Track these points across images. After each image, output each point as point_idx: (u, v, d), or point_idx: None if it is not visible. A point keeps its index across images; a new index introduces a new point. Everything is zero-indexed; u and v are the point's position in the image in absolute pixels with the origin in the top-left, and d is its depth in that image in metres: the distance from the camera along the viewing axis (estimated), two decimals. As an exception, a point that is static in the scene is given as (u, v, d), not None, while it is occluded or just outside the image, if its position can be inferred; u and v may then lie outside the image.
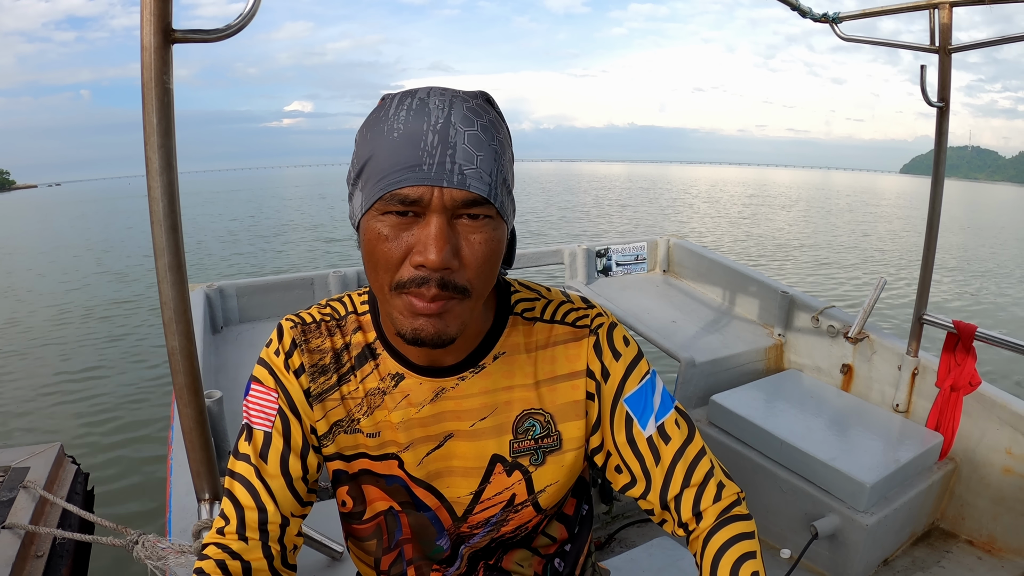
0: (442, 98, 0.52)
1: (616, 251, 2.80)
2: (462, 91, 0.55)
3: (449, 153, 0.50)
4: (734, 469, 1.85)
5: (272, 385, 0.66)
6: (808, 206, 23.18)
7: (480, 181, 0.51)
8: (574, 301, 0.69)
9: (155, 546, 0.92)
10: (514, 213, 0.59)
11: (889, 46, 1.64)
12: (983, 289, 8.64)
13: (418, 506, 0.69)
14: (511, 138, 0.58)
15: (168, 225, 0.79)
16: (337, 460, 0.68)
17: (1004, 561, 1.65)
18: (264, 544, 0.63)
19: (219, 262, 10.55)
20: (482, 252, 0.53)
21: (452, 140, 0.50)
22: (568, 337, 0.67)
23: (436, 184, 0.50)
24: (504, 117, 0.58)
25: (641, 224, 16.53)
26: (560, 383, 0.67)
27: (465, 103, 0.53)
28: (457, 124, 0.51)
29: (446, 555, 0.71)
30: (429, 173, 0.50)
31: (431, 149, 0.50)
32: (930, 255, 1.79)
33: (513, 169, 0.58)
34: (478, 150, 0.51)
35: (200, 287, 2.12)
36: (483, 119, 0.53)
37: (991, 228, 17.92)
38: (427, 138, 0.50)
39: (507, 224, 0.56)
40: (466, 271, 0.53)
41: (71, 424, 3.94)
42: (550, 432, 0.67)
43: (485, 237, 0.53)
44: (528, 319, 0.67)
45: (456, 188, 0.50)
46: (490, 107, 0.55)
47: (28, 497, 1.74)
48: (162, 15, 0.72)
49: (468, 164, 0.51)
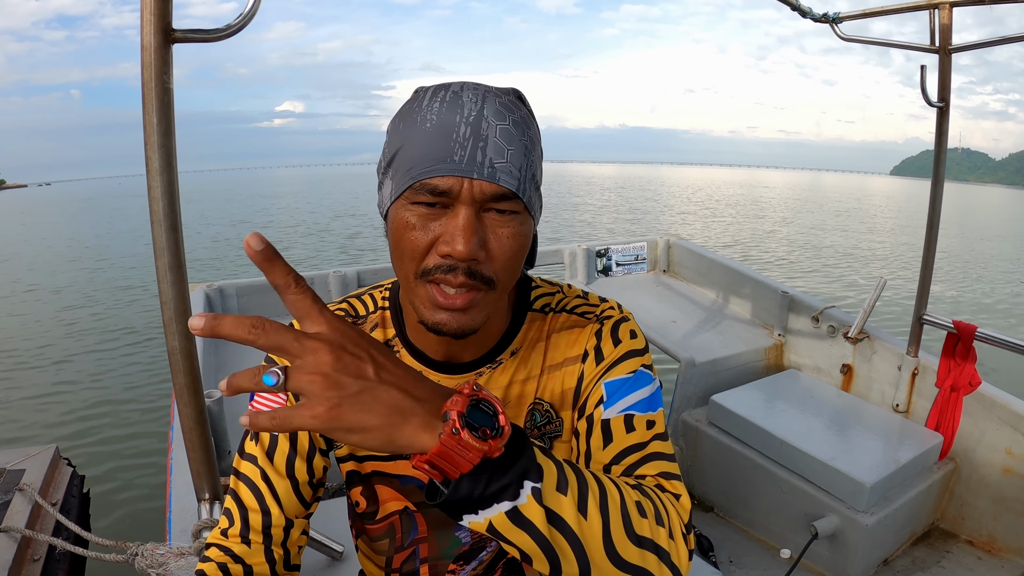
0: (475, 92, 0.53)
1: (616, 251, 2.80)
2: (495, 87, 0.55)
3: (481, 146, 0.50)
4: (734, 469, 1.85)
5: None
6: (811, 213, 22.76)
7: (510, 176, 0.51)
8: (591, 299, 0.69)
9: (154, 554, 0.92)
10: (541, 210, 0.59)
11: (890, 46, 1.64)
12: (970, 290, 8.61)
13: None
14: (540, 135, 0.58)
15: (168, 225, 0.79)
16: (350, 461, 0.68)
17: (1004, 561, 1.65)
18: (267, 548, 0.62)
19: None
20: (509, 246, 0.53)
21: (484, 133, 0.51)
22: (572, 324, 0.67)
23: (466, 175, 0.50)
24: (535, 115, 0.57)
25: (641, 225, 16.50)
26: (558, 370, 0.66)
27: (498, 98, 0.53)
28: (490, 117, 0.51)
29: (464, 549, 0.70)
30: (460, 164, 0.50)
31: (463, 141, 0.50)
32: (930, 255, 1.79)
33: (542, 166, 0.58)
34: (509, 144, 0.51)
35: (200, 287, 2.12)
36: (515, 114, 0.53)
37: (984, 234, 17.27)
38: (459, 130, 0.51)
39: (534, 220, 0.56)
40: (493, 263, 0.53)
41: (66, 426, 3.93)
42: (551, 419, 0.66)
43: (513, 231, 0.53)
44: (544, 312, 0.68)
45: (486, 180, 0.50)
46: (521, 104, 0.55)
47: (24, 500, 1.72)
48: (162, 15, 0.72)
49: (499, 158, 0.51)
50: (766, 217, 19.14)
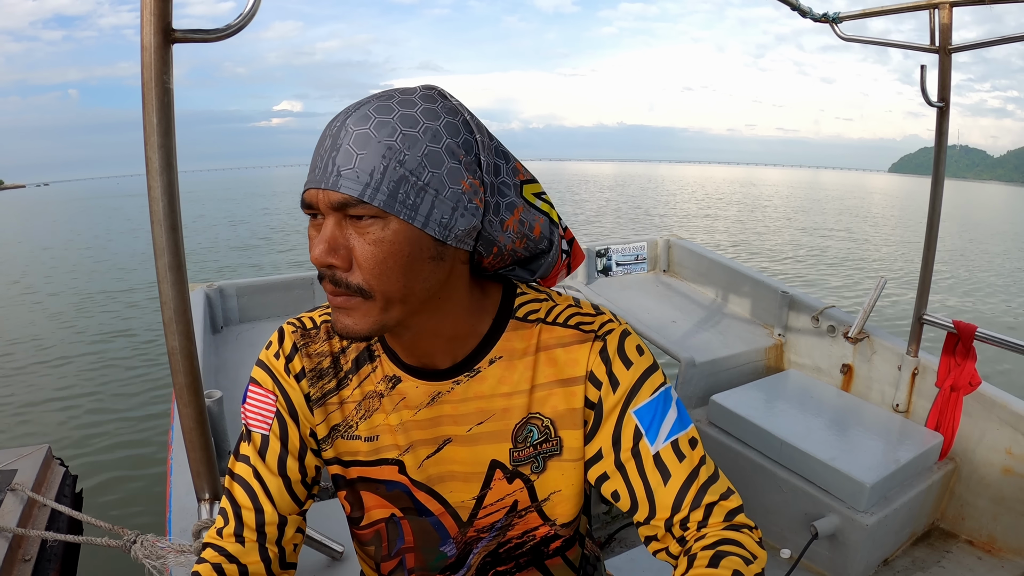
0: (361, 100, 0.54)
1: (616, 251, 2.80)
2: (400, 89, 0.55)
3: (333, 155, 0.51)
4: (734, 469, 1.85)
5: (271, 388, 0.66)
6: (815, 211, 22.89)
7: (354, 182, 0.50)
8: (583, 307, 0.66)
9: (154, 545, 0.92)
10: (463, 214, 0.54)
11: (890, 46, 1.64)
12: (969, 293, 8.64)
13: (420, 511, 0.67)
14: (472, 130, 0.55)
15: (168, 225, 0.79)
16: (336, 465, 0.68)
17: (1004, 561, 1.65)
18: (261, 546, 0.63)
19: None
20: (371, 252, 0.52)
21: (339, 142, 0.51)
22: (570, 340, 0.63)
23: (317, 187, 0.52)
24: (457, 109, 0.55)
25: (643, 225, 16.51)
26: (558, 388, 0.63)
27: (381, 101, 0.52)
28: (350, 125, 0.51)
29: (450, 562, 0.70)
30: (316, 176, 0.52)
31: (324, 152, 0.52)
32: (930, 255, 1.79)
33: (457, 164, 0.53)
34: (361, 149, 0.50)
35: (200, 287, 2.12)
36: (389, 115, 0.51)
37: (987, 232, 17.34)
38: (324, 142, 0.52)
39: (420, 224, 0.52)
40: (360, 271, 0.53)
41: (60, 426, 3.92)
42: (549, 437, 0.64)
43: (373, 238, 0.52)
44: (530, 321, 0.64)
45: (331, 190, 0.51)
46: (424, 102, 0.53)
47: (16, 500, 1.71)
48: (162, 15, 0.72)
49: (346, 165, 0.50)
50: (767, 216, 19.19)
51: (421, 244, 0.53)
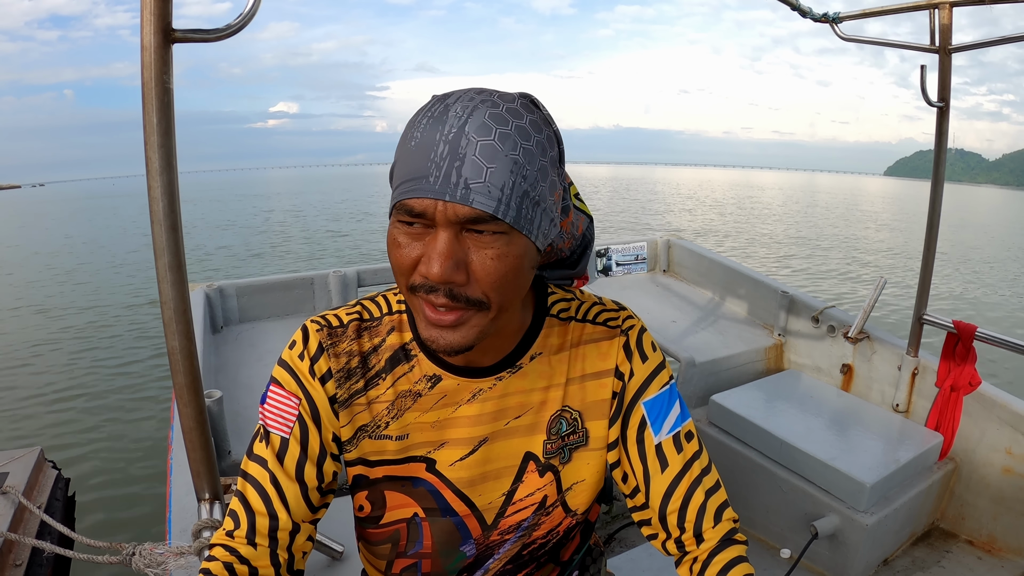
0: (466, 105, 0.50)
1: (616, 251, 2.80)
2: (497, 94, 0.53)
3: (457, 166, 0.49)
4: (734, 469, 1.85)
5: (294, 390, 0.64)
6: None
7: (487, 196, 0.49)
8: (606, 303, 0.70)
9: (152, 553, 0.91)
10: (554, 224, 0.57)
11: (890, 46, 1.64)
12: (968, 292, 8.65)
13: (444, 511, 0.67)
14: (558, 140, 0.56)
15: (168, 225, 0.79)
16: (359, 465, 0.67)
17: (1004, 561, 1.65)
18: (273, 552, 0.62)
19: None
20: (494, 267, 0.51)
21: (462, 152, 0.49)
22: (600, 336, 0.67)
23: (439, 198, 0.49)
24: (549, 120, 0.55)
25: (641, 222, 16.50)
26: (589, 381, 0.67)
27: (492, 109, 0.50)
28: (471, 134, 0.49)
29: (468, 563, 0.70)
30: (434, 186, 0.49)
31: (439, 161, 0.49)
32: (930, 255, 1.79)
33: (554, 176, 0.55)
34: (490, 162, 0.49)
35: (200, 287, 2.12)
36: (507, 126, 0.50)
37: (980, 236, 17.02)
38: (438, 149, 0.49)
39: (533, 237, 0.53)
40: (479, 284, 0.52)
41: (52, 428, 3.91)
42: (576, 429, 0.67)
43: (497, 253, 0.51)
44: (563, 319, 0.67)
45: (459, 203, 0.49)
46: (526, 112, 0.52)
47: (7, 503, 1.68)
48: (162, 15, 0.72)
49: (475, 178, 0.49)
50: (766, 219, 19.18)
51: (531, 255, 0.55)
